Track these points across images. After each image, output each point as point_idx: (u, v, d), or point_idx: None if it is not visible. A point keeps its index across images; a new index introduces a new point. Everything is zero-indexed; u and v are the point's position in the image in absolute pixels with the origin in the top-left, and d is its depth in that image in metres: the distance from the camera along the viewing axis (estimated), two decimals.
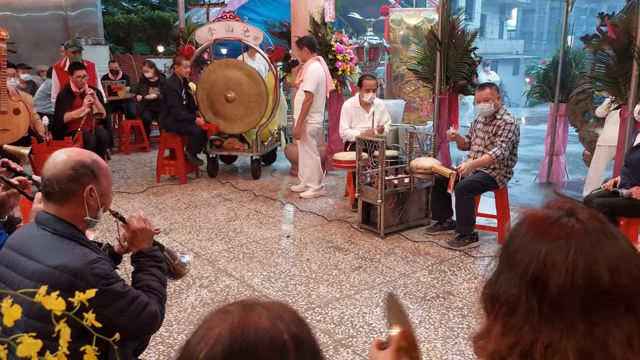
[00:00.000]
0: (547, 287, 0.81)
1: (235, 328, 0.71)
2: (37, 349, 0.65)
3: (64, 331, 0.70)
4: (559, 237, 0.83)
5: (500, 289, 0.87)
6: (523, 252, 0.85)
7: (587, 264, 0.80)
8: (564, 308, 0.80)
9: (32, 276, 1.45)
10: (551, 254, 0.82)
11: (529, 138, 9.98)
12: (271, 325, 0.73)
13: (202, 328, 0.74)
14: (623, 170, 3.75)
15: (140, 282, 1.68)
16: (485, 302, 0.91)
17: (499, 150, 3.95)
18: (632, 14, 4.43)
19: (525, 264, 0.84)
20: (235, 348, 0.70)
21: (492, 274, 0.91)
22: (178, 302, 3.14)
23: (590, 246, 0.81)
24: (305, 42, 5.29)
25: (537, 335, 0.81)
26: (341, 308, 3.09)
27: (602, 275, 0.79)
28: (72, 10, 9.12)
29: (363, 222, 4.52)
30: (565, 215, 0.86)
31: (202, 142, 6.06)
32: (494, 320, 0.87)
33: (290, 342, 0.72)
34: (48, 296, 0.70)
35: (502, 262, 0.90)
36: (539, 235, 0.85)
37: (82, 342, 0.92)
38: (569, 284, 0.80)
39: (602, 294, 0.79)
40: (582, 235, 0.82)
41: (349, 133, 5.05)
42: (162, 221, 4.69)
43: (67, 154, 1.57)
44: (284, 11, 8.17)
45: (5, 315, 0.62)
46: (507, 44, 29.67)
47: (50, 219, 1.54)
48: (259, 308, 0.76)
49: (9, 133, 5.14)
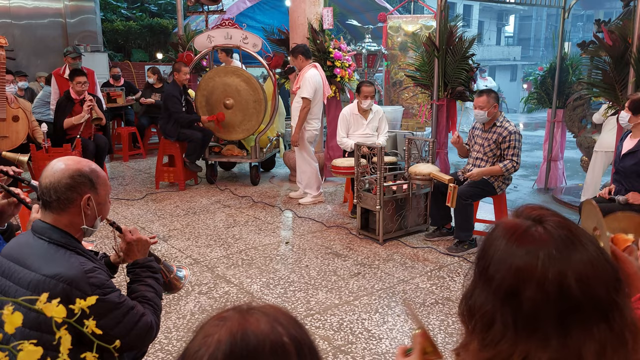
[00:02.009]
0: (520, 301, 0.81)
1: (234, 333, 0.71)
2: (38, 356, 0.65)
3: (64, 339, 0.71)
4: (526, 247, 0.82)
5: (476, 305, 0.86)
6: (495, 266, 0.85)
7: (556, 275, 0.79)
8: (538, 321, 0.80)
9: (28, 285, 1.44)
10: (521, 266, 0.82)
11: (527, 144, 10.00)
12: (270, 329, 0.72)
13: (199, 335, 0.74)
14: (615, 177, 3.75)
15: (136, 293, 1.67)
16: (462, 316, 0.90)
17: (510, 163, 4.00)
18: (628, 20, 4.46)
19: (498, 279, 0.84)
20: (236, 353, 0.69)
21: (468, 286, 0.90)
22: (177, 309, 3.13)
23: (557, 256, 0.80)
24: (298, 50, 5.32)
25: (514, 349, 0.81)
26: (340, 314, 3.09)
27: (572, 286, 0.79)
28: (72, 17, 9.14)
29: (362, 228, 4.52)
30: (532, 225, 0.85)
31: (201, 148, 6.07)
32: (472, 335, 0.87)
33: (291, 345, 0.72)
34: (49, 303, 0.70)
35: (476, 275, 0.89)
36: (508, 247, 0.84)
37: (76, 352, 0.91)
38: (541, 296, 0.79)
39: (574, 304, 0.79)
40: (549, 246, 0.81)
41: (346, 142, 5.05)
42: (161, 228, 4.69)
43: (65, 163, 1.57)
44: (283, 18, 8.22)
45: (7, 323, 0.63)
46: (504, 51, 29.81)
47: (47, 228, 1.53)
48: (256, 313, 0.75)
49: (7, 140, 5.14)
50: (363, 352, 2.69)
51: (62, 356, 0.71)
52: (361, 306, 3.20)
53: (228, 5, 8.90)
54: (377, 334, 2.87)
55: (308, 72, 5.25)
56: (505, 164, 4.01)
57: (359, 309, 3.16)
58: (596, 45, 4.98)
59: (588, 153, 5.63)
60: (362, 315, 3.08)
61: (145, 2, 12.54)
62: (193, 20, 9.22)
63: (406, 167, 4.54)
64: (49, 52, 8.77)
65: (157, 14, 12.38)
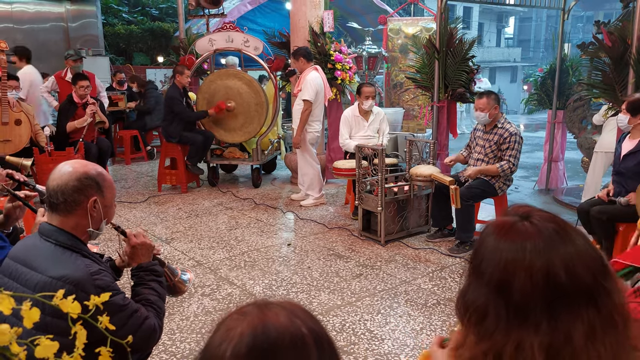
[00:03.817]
0: (510, 291, 0.84)
1: (255, 326, 0.74)
2: (54, 351, 0.68)
3: (80, 333, 0.73)
4: (514, 241, 0.87)
5: (470, 299, 0.90)
6: (486, 261, 0.89)
7: (543, 264, 0.83)
8: (528, 309, 0.83)
9: (34, 287, 1.46)
10: (510, 259, 0.86)
11: (527, 145, 10.02)
12: (289, 322, 0.75)
13: (221, 330, 0.76)
14: (615, 179, 3.76)
15: (140, 296, 1.69)
16: (459, 312, 0.94)
17: (506, 164, 4.01)
18: (628, 21, 4.48)
19: (489, 273, 0.88)
20: (259, 345, 0.72)
21: (464, 285, 0.95)
22: (180, 311, 3.15)
23: (544, 247, 0.84)
24: (300, 52, 5.36)
25: (507, 338, 0.84)
26: (342, 315, 3.11)
27: (559, 274, 0.82)
28: (73, 21, 9.19)
29: (363, 229, 4.54)
30: (519, 220, 0.89)
31: (202, 151, 6.10)
32: (468, 329, 0.91)
33: (310, 337, 0.75)
34: (65, 300, 0.73)
35: (470, 272, 0.94)
36: (498, 242, 0.89)
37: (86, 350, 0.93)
38: (530, 285, 0.83)
39: (561, 291, 0.82)
40: (535, 238, 0.86)
41: (349, 144, 5.08)
42: (164, 230, 4.71)
43: (72, 166, 1.59)
44: (284, 21, 8.26)
45: (25, 318, 0.65)
46: (504, 52, 29.86)
47: (54, 231, 1.55)
48: (274, 307, 0.78)
49: (10, 144, 5.17)
50: (365, 353, 2.71)
51: (77, 350, 0.73)
52: (363, 307, 3.21)
53: (229, 9, 8.95)
54: (379, 334, 2.89)
55: (309, 74, 5.28)
56: (502, 164, 4.03)
57: (362, 310, 3.17)
58: (596, 46, 5.00)
59: (588, 154, 5.64)
60: (365, 316, 3.10)
61: (147, 6, 12.59)
62: (194, 24, 9.26)
63: (407, 169, 4.56)
64: (50, 56, 8.81)
65: (158, 17, 12.43)
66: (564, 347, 0.81)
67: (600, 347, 0.81)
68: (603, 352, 0.81)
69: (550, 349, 0.82)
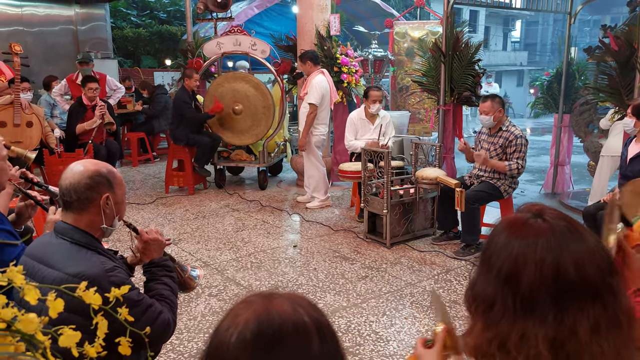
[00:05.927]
0: (519, 283, 0.88)
1: (260, 314, 0.78)
2: (77, 340, 0.71)
3: (101, 324, 0.77)
4: (527, 236, 0.90)
5: (479, 289, 0.94)
6: (497, 255, 0.92)
7: (553, 259, 0.86)
8: (535, 301, 0.86)
9: (51, 284, 1.50)
10: (521, 253, 0.89)
11: (533, 149, 10.00)
12: (292, 310, 0.79)
13: (229, 316, 0.81)
14: (621, 183, 3.76)
15: (153, 291, 1.72)
16: (467, 302, 0.97)
17: (514, 164, 4.02)
18: (634, 25, 4.49)
19: (499, 265, 0.91)
20: (263, 331, 0.76)
21: (473, 277, 0.98)
22: (188, 311, 3.19)
23: (556, 243, 0.87)
24: (307, 56, 5.39)
25: (513, 327, 0.87)
26: (348, 317, 3.13)
27: (568, 269, 0.85)
28: (82, 24, 9.29)
29: (369, 232, 4.56)
30: (533, 217, 0.92)
31: (209, 153, 6.15)
32: (475, 318, 0.94)
33: (312, 325, 0.79)
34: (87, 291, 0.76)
35: (480, 265, 0.97)
36: (510, 237, 0.92)
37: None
38: (539, 278, 0.86)
39: (569, 286, 0.85)
40: (548, 234, 0.89)
41: (355, 144, 5.11)
42: (172, 231, 4.76)
43: (83, 165, 1.65)
44: (290, 25, 8.30)
45: (51, 308, 0.69)
46: (511, 56, 29.79)
47: (69, 229, 1.60)
48: (278, 297, 0.83)
49: (21, 145, 5.22)
50: (371, 354, 2.73)
51: (98, 340, 0.76)
52: (369, 309, 3.24)
53: (236, 12, 9.01)
54: (384, 336, 2.91)
55: (315, 78, 5.32)
56: (509, 163, 4.04)
57: (367, 312, 3.19)
58: (602, 50, 5.00)
59: (595, 158, 5.64)
60: (370, 317, 3.12)
61: (155, 10, 12.71)
62: (202, 27, 9.34)
63: (413, 172, 4.58)
64: (60, 59, 8.91)
65: (166, 21, 12.54)
66: (569, 341, 0.84)
67: (604, 343, 0.84)
68: (607, 348, 0.84)
69: (555, 341, 0.84)
